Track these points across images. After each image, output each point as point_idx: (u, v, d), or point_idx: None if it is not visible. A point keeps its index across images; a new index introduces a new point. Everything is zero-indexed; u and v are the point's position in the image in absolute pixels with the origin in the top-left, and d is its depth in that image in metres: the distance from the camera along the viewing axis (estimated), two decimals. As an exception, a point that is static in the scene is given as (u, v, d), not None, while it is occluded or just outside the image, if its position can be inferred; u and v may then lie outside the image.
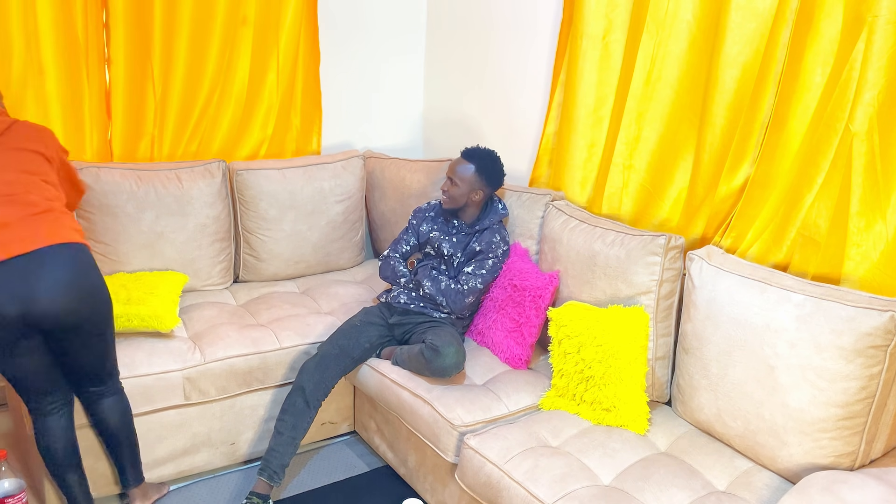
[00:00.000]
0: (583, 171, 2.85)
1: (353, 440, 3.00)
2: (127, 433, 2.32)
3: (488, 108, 3.40)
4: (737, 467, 2.06)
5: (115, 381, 2.29)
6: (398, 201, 3.33)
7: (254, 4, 3.12)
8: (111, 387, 2.26)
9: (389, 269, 2.84)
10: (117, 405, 2.28)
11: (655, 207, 2.62)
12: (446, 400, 2.36)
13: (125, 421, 2.31)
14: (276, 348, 2.69)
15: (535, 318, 2.56)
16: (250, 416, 2.70)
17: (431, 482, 2.48)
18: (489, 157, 2.72)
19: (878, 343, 1.83)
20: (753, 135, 2.29)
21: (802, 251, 2.18)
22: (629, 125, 2.65)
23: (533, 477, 2.00)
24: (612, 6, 2.64)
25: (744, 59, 2.27)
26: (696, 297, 2.20)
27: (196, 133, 3.14)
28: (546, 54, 3.04)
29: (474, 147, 2.75)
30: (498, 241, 2.71)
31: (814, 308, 1.92)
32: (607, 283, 2.41)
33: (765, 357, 1.99)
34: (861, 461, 1.93)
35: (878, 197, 2.00)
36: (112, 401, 2.27)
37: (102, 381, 2.23)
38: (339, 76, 3.52)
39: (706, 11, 2.37)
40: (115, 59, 2.90)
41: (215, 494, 2.61)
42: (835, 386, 1.88)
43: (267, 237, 3.15)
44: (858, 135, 2.01)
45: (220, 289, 3.11)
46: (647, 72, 2.56)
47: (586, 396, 2.29)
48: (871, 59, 1.96)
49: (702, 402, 2.18)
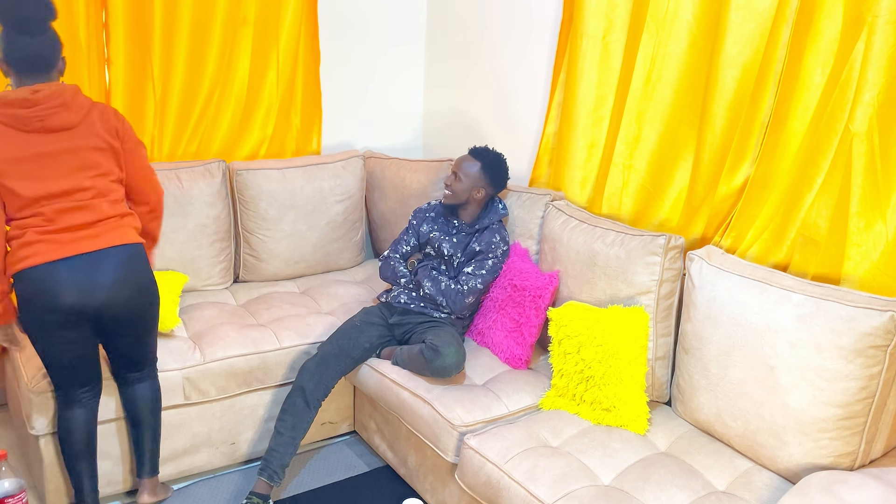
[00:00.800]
0: (583, 171, 2.85)
1: (353, 440, 3.00)
2: (153, 419, 2.41)
3: (488, 107, 3.40)
4: (737, 467, 2.06)
5: (153, 368, 2.41)
6: (398, 201, 3.33)
7: (254, 4, 3.12)
8: (148, 372, 2.38)
9: (389, 270, 2.84)
10: (150, 391, 2.39)
11: (655, 207, 2.62)
12: (446, 400, 2.36)
13: (155, 407, 2.41)
14: (276, 348, 2.69)
15: (535, 318, 2.56)
16: (250, 416, 2.70)
17: (431, 482, 2.48)
18: (496, 159, 2.74)
19: (878, 343, 1.83)
20: (753, 135, 2.29)
21: (802, 251, 2.18)
22: (629, 125, 2.65)
23: (533, 477, 2.00)
24: (612, 6, 2.64)
25: (744, 59, 2.27)
26: (696, 297, 2.20)
27: (196, 133, 3.14)
28: (546, 54, 3.04)
29: (484, 147, 2.77)
30: (498, 241, 2.71)
31: (814, 308, 1.92)
32: (607, 283, 2.41)
33: (765, 357, 1.99)
34: (861, 461, 1.93)
35: (878, 197, 2.00)
36: (146, 385, 2.38)
37: (143, 366, 2.36)
38: (339, 76, 3.52)
39: (706, 11, 2.37)
40: (115, 59, 2.90)
41: (215, 494, 2.61)
42: (835, 386, 1.88)
43: (267, 237, 3.15)
44: (858, 135, 2.01)
45: (220, 289, 3.11)
46: (647, 72, 2.56)
47: (586, 396, 2.29)
48: (871, 59, 1.96)
49: (702, 402, 2.18)
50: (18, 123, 2.05)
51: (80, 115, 2.14)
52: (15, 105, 2.05)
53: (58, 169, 2.09)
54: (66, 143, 2.11)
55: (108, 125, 2.20)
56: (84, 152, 2.13)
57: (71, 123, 2.11)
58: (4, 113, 2.05)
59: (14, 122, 2.05)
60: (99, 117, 2.18)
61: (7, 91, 2.08)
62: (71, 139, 2.11)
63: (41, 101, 2.06)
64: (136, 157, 2.29)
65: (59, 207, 2.10)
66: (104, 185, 2.17)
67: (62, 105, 2.09)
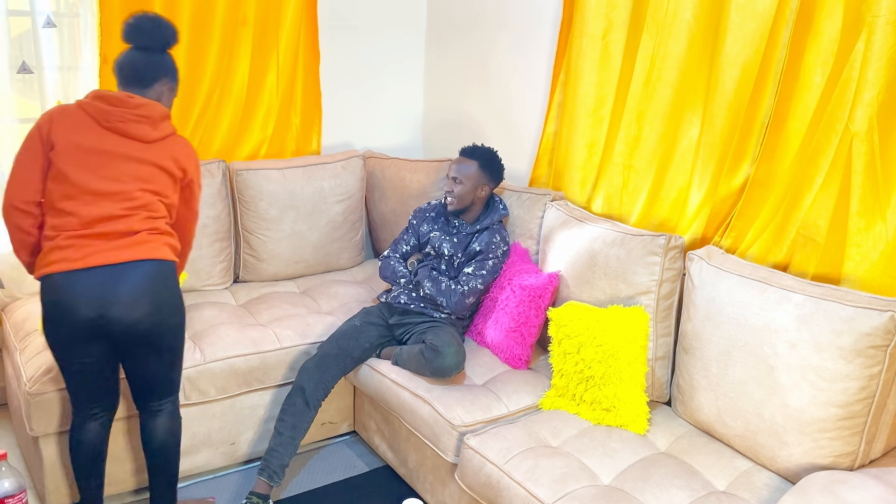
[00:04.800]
0: (583, 171, 2.85)
1: (353, 440, 3.00)
2: (166, 454, 2.30)
3: (488, 107, 3.40)
4: (737, 467, 2.06)
5: (171, 400, 2.28)
6: (398, 201, 3.33)
7: (254, 4, 3.11)
8: (166, 404, 2.26)
9: (389, 269, 2.84)
10: (165, 424, 2.27)
11: (655, 207, 2.62)
12: (446, 400, 2.36)
13: (168, 441, 2.29)
14: (276, 348, 2.69)
15: (535, 318, 2.56)
16: (250, 416, 2.70)
17: (431, 482, 2.48)
18: (490, 153, 2.75)
19: (877, 343, 1.83)
20: (753, 135, 2.29)
21: (802, 251, 2.18)
22: (629, 125, 2.65)
23: (533, 477, 2.00)
24: (612, 6, 2.64)
25: (744, 59, 2.26)
26: (695, 297, 2.20)
27: (196, 133, 3.14)
28: (546, 54, 3.04)
29: (473, 145, 2.78)
30: (498, 241, 2.71)
31: (814, 308, 1.92)
32: (607, 283, 2.41)
33: (765, 357, 1.99)
34: (861, 461, 1.93)
35: (878, 197, 2.00)
36: (163, 419, 2.26)
37: (160, 396, 2.24)
38: (339, 76, 3.52)
39: (706, 11, 2.37)
40: (113, 58, 2.88)
41: (215, 494, 2.61)
42: (835, 386, 1.88)
43: (267, 237, 3.15)
44: (858, 135, 2.01)
45: (220, 289, 3.11)
46: (647, 72, 2.56)
47: (586, 396, 2.29)
48: (871, 59, 1.96)
49: (702, 402, 2.18)
50: (101, 117, 2.09)
51: (159, 136, 2.14)
52: (105, 100, 2.10)
53: (116, 170, 2.08)
54: (135, 151, 2.11)
55: (179, 156, 2.19)
56: (146, 166, 2.12)
57: (147, 138, 2.12)
58: (92, 104, 2.10)
59: (97, 115, 2.09)
60: (175, 145, 2.19)
61: (108, 89, 2.15)
62: (141, 150, 2.11)
63: (130, 105, 2.10)
64: (188, 193, 2.26)
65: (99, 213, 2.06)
66: (151, 201, 2.13)
67: (147, 118, 2.12)
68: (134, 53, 2.18)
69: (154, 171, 2.13)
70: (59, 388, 2.32)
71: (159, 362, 2.18)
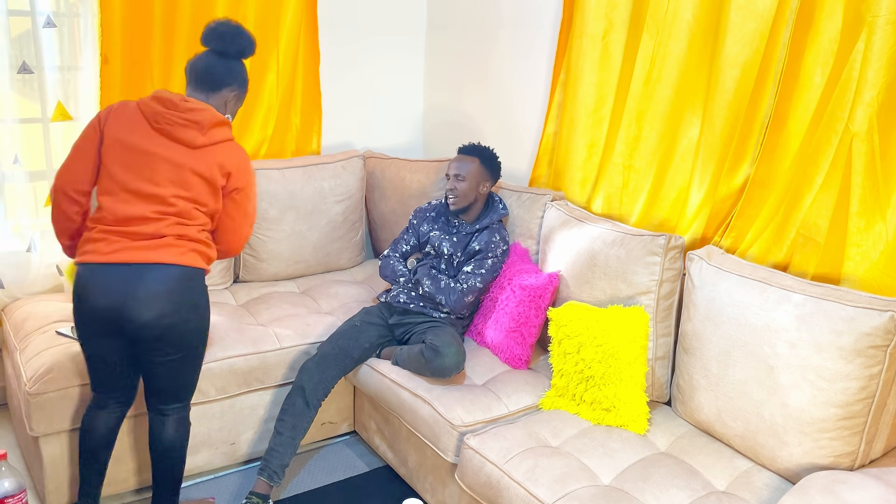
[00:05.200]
0: (583, 171, 2.85)
1: (353, 440, 3.00)
2: (171, 458, 2.29)
3: (488, 108, 3.40)
4: (737, 467, 2.06)
5: (183, 407, 2.28)
6: (398, 201, 3.33)
7: (254, 4, 3.11)
8: (176, 410, 2.26)
9: (389, 269, 2.84)
10: (172, 429, 2.26)
11: (655, 207, 2.62)
12: (446, 400, 2.36)
13: (174, 446, 2.27)
14: (276, 348, 2.69)
15: (535, 318, 2.56)
16: (250, 417, 2.70)
17: (431, 482, 2.48)
18: (488, 151, 2.79)
19: (877, 343, 1.83)
20: (753, 135, 2.30)
21: (802, 251, 2.18)
22: (629, 125, 2.65)
23: (533, 477, 2.00)
24: (612, 6, 2.64)
25: (744, 59, 2.27)
26: (695, 297, 2.20)
27: (196, 133, 3.14)
28: (546, 54, 3.04)
29: (471, 144, 2.81)
30: (497, 240, 2.71)
31: (814, 308, 1.92)
32: (607, 283, 2.41)
33: (765, 357, 1.99)
34: (861, 461, 1.93)
35: (878, 197, 2.00)
36: (170, 423, 2.25)
37: (169, 400, 2.23)
38: (339, 76, 3.52)
39: (706, 11, 2.37)
40: (112, 58, 2.89)
41: (215, 494, 2.61)
42: (835, 386, 1.88)
43: (267, 237, 3.15)
44: (858, 135, 2.01)
45: (221, 289, 3.11)
46: (646, 72, 2.56)
47: (586, 396, 2.29)
48: (871, 59, 1.96)
49: (702, 402, 2.18)
50: (152, 117, 2.10)
51: (206, 142, 2.13)
52: (160, 101, 2.11)
53: (156, 173, 2.09)
54: (179, 156, 2.10)
55: (226, 163, 2.16)
56: (186, 172, 2.11)
57: (194, 143, 2.11)
58: (148, 104, 2.11)
59: (149, 114, 2.10)
60: (223, 153, 2.16)
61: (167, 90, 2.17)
62: (184, 155, 2.11)
63: (181, 109, 2.10)
64: (230, 202, 2.21)
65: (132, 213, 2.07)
66: (186, 209, 2.12)
67: (195, 123, 2.11)
68: (209, 57, 2.19)
69: (194, 178, 2.12)
70: (60, 388, 2.32)
71: (170, 366, 2.17)
